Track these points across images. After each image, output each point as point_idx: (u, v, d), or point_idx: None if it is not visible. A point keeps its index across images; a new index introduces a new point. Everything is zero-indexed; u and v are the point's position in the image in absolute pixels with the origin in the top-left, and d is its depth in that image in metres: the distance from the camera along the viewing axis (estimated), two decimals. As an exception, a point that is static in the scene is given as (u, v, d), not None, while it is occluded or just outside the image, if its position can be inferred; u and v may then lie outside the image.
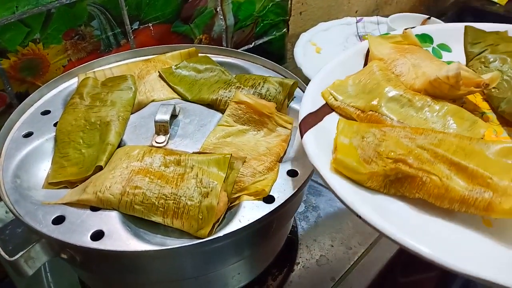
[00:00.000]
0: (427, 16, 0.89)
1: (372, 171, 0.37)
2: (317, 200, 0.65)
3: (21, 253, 0.38)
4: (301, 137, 0.41)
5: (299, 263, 0.56)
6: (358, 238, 0.60)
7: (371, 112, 0.44)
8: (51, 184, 0.44)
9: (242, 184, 0.43)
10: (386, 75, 0.47)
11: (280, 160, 0.47)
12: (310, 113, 0.44)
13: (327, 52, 0.89)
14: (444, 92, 0.44)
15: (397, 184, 0.37)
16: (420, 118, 0.43)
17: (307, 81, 0.65)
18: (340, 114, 0.46)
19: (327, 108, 0.46)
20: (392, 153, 0.37)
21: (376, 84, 0.46)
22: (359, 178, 0.37)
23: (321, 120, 0.44)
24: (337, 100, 0.46)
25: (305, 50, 0.88)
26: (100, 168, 0.44)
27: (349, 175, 0.37)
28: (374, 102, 0.44)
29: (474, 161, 0.35)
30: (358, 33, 0.94)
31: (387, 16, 0.97)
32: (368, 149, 0.38)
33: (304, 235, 0.60)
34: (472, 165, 0.35)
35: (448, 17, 1.32)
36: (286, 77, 0.57)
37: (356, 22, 0.97)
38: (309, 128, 0.42)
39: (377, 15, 1.01)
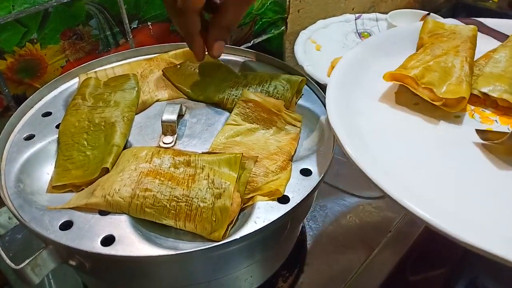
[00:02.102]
0: (427, 12, 0.89)
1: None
2: (324, 199, 0.64)
3: (28, 260, 0.36)
4: None
5: (309, 264, 0.55)
6: (368, 238, 0.59)
7: None
8: (55, 187, 0.43)
9: (255, 184, 0.42)
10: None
11: (291, 159, 0.46)
12: None
13: (328, 49, 0.88)
14: None
15: None
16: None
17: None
18: None
19: None
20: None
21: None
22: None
23: None
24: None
25: (305, 48, 0.87)
26: (106, 171, 0.43)
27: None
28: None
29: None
30: (357, 30, 0.94)
31: (384, 13, 0.97)
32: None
33: (313, 235, 0.59)
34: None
35: (442, 13, 1.33)
36: (293, 74, 0.55)
37: (355, 19, 0.96)
38: None
39: (373, 12, 1.00)
